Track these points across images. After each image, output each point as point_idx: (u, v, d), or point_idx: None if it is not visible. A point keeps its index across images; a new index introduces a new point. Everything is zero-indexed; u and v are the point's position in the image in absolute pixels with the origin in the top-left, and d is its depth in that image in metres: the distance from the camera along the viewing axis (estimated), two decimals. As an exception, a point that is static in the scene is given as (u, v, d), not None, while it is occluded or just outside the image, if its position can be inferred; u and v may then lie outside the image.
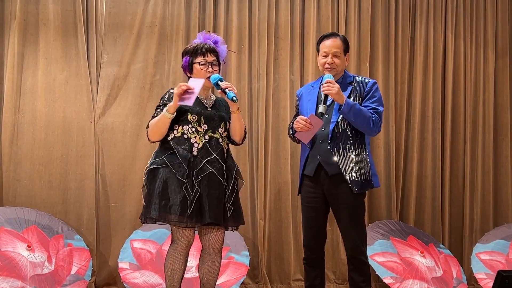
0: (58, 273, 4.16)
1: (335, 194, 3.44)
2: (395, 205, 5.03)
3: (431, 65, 5.14)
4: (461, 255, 5.10)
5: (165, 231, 4.46)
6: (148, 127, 3.35)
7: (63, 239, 4.39)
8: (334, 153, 3.42)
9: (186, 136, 3.31)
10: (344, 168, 3.40)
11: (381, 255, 4.55)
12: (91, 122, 4.67)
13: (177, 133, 3.32)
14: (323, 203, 3.51)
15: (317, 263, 3.58)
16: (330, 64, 3.48)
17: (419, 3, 5.16)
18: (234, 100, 3.25)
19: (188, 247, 3.33)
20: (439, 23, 5.17)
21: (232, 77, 4.83)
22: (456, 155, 5.19)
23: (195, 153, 3.29)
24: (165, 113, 3.25)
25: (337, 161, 3.41)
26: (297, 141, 3.64)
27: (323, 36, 3.58)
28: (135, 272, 4.29)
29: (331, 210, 3.54)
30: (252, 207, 4.84)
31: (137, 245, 4.44)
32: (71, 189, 4.64)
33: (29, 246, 4.16)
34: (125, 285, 4.22)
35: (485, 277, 4.55)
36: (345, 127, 3.44)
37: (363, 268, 3.45)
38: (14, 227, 4.28)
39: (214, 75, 3.34)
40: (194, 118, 3.31)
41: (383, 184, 5.00)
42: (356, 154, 3.44)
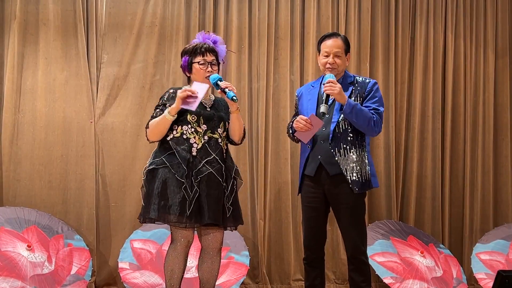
0: (58, 273, 4.16)
1: (336, 194, 3.44)
2: (395, 205, 5.02)
3: (431, 65, 5.14)
4: (461, 255, 5.10)
5: (165, 231, 4.45)
6: (148, 127, 3.34)
7: (63, 239, 4.39)
8: (335, 153, 3.42)
9: (185, 136, 3.31)
10: (345, 168, 3.40)
11: (381, 255, 4.55)
12: (91, 122, 4.67)
13: (176, 133, 3.32)
14: (323, 203, 3.51)
15: (317, 263, 3.57)
16: (331, 64, 3.48)
17: (419, 3, 5.16)
18: (234, 99, 3.24)
19: (187, 247, 3.33)
20: (439, 23, 5.17)
21: (232, 77, 4.83)
22: (456, 155, 5.19)
23: (195, 154, 3.29)
24: (167, 114, 3.24)
25: (338, 161, 3.41)
26: (296, 140, 3.64)
27: (324, 35, 3.58)
28: (135, 272, 4.29)
29: (332, 210, 3.53)
30: (252, 207, 4.84)
31: (137, 245, 4.44)
32: (71, 189, 4.64)
33: (29, 246, 4.16)
34: (125, 285, 4.22)
35: (485, 277, 4.55)
36: (346, 127, 3.44)
37: (363, 268, 3.45)
38: (14, 227, 4.28)
39: (213, 75, 3.34)
40: (193, 118, 3.31)
41: (383, 184, 5.00)
42: (356, 154, 3.44)
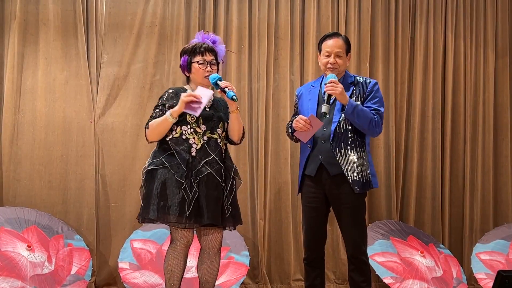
0: (58, 273, 4.16)
1: (337, 194, 3.44)
2: (395, 205, 5.02)
3: (431, 65, 5.14)
4: (461, 255, 5.10)
5: (165, 231, 4.45)
6: (147, 127, 3.32)
7: (63, 239, 4.39)
8: (335, 153, 3.42)
9: (184, 136, 3.30)
10: (345, 168, 3.40)
11: (381, 255, 4.55)
12: (91, 122, 4.67)
13: (176, 133, 3.31)
14: (324, 203, 3.51)
15: (317, 263, 3.57)
16: (332, 64, 3.48)
17: (419, 3, 5.16)
18: (234, 99, 3.24)
19: (187, 247, 3.33)
20: (439, 23, 5.17)
21: (232, 77, 4.83)
22: (456, 155, 5.19)
23: (194, 154, 3.29)
24: (168, 117, 3.23)
25: (338, 161, 3.41)
26: (296, 140, 3.64)
27: (325, 35, 3.58)
28: (135, 272, 4.29)
29: (332, 210, 3.53)
30: (252, 207, 4.84)
31: (137, 245, 4.44)
32: (71, 189, 4.64)
33: (29, 246, 4.16)
34: (125, 285, 4.22)
35: (485, 277, 4.55)
36: (346, 127, 3.44)
37: (364, 268, 3.45)
38: (14, 227, 4.28)
39: (213, 74, 3.34)
40: (192, 118, 3.30)
41: (383, 184, 5.00)
42: (357, 154, 3.44)
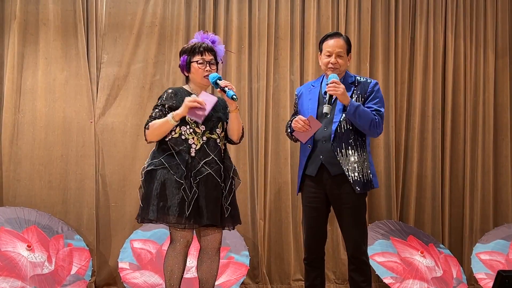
0: (58, 273, 4.16)
1: (338, 194, 3.44)
2: (395, 205, 5.02)
3: (431, 65, 5.14)
4: (461, 255, 5.10)
5: (165, 231, 4.45)
6: (148, 128, 3.29)
7: (63, 239, 4.39)
8: (336, 153, 3.42)
9: (184, 137, 3.30)
10: (346, 168, 3.41)
11: (381, 255, 4.55)
12: (91, 122, 4.67)
13: (175, 134, 3.31)
14: (324, 203, 3.51)
15: (317, 263, 3.57)
16: (333, 64, 3.48)
17: (419, 3, 5.16)
18: (234, 98, 3.23)
19: (187, 247, 3.33)
20: (439, 23, 5.17)
21: (232, 77, 4.83)
22: (456, 155, 5.19)
23: (193, 154, 3.28)
24: (170, 119, 3.22)
25: (339, 161, 3.41)
26: (295, 139, 3.65)
27: (326, 35, 3.58)
28: (135, 272, 4.29)
29: (333, 210, 3.54)
30: (252, 207, 4.84)
31: (137, 245, 4.44)
32: (71, 189, 4.64)
33: (29, 246, 4.16)
34: (125, 285, 4.22)
35: (485, 277, 4.55)
36: (347, 127, 3.44)
37: (364, 268, 3.46)
38: (14, 227, 4.28)
39: (212, 74, 3.33)
40: (192, 119, 3.31)
41: (383, 184, 5.00)
42: (358, 154, 3.44)
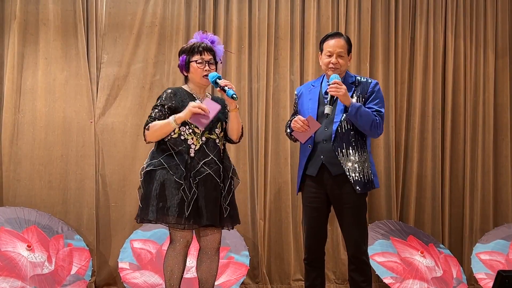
0: (58, 273, 4.16)
1: (339, 194, 3.44)
2: (395, 205, 5.02)
3: (431, 65, 5.14)
4: (461, 255, 5.10)
5: (165, 231, 4.45)
6: (148, 129, 3.27)
7: (63, 239, 4.39)
8: (337, 153, 3.42)
9: (183, 137, 3.30)
10: (347, 168, 3.40)
11: (381, 255, 4.54)
12: (91, 122, 4.67)
13: (174, 134, 3.30)
14: (325, 203, 3.51)
15: (318, 263, 3.57)
16: (334, 64, 3.48)
17: (419, 3, 5.16)
18: (234, 97, 3.23)
19: (187, 247, 3.33)
20: (439, 23, 5.17)
21: (232, 77, 4.83)
22: (456, 155, 5.19)
23: (192, 155, 3.28)
24: (172, 122, 3.21)
25: (340, 161, 3.41)
26: (294, 139, 3.65)
27: (327, 35, 3.57)
28: (135, 272, 4.29)
29: (333, 210, 3.53)
30: (252, 207, 4.84)
31: (137, 245, 4.44)
32: (71, 189, 4.64)
33: (29, 246, 4.16)
34: (125, 285, 4.22)
35: (485, 277, 4.55)
36: (348, 127, 3.44)
37: (364, 268, 3.45)
38: (14, 227, 4.28)
39: (212, 73, 3.33)
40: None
41: (383, 184, 5.00)
42: (358, 154, 3.44)
